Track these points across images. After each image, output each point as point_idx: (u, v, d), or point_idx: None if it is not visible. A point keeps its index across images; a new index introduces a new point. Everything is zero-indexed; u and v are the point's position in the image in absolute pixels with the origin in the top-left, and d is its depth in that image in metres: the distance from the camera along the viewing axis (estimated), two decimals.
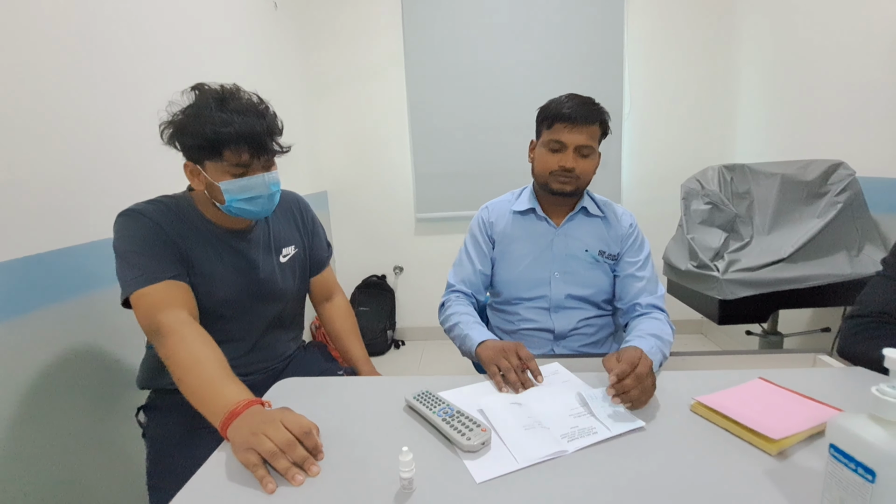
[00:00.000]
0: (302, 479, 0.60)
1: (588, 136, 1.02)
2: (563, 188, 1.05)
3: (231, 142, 0.80)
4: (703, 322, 2.67)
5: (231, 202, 0.86)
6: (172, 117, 0.84)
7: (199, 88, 0.85)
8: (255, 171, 0.86)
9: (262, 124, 0.83)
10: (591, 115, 1.01)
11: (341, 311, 1.22)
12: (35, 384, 0.96)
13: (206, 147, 0.81)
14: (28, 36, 0.98)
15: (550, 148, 1.04)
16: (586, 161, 1.04)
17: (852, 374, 0.83)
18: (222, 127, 0.79)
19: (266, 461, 0.61)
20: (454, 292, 1.15)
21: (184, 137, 0.83)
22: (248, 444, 0.62)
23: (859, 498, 0.43)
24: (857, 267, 1.39)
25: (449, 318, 1.08)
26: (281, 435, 0.62)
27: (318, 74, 2.60)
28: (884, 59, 1.50)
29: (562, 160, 1.03)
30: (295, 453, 0.62)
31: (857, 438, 0.44)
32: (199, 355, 0.76)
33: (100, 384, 1.12)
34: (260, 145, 0.84)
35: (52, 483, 0.98)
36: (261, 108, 0.86)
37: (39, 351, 0.98)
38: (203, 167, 0.85)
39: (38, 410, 0.96)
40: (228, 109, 0.81)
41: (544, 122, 1.07)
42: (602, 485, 0.58)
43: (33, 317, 0.97)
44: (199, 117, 0.80)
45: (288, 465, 0.61)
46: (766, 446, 0.62)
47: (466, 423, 0.68)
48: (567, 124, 1.01)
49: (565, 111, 1.01)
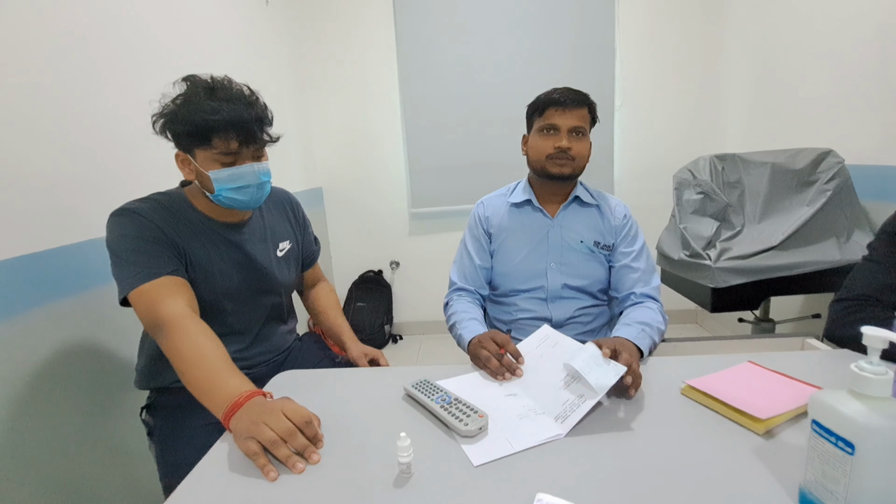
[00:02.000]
0: (302, 468, 0.61)
1: (579, 118, 1.06)
2: (562, 170, 1.07)
3: (219, 129, 0.81)
4: (696, 311, 2.70)
5: (220, 191, 0.87)
6: (163, 108, 0.85)
7: (191, 80, 0.86)
8: (244, 160, 0.87)
9: (250, 112, 0.84)
10: (579, 99, 1.06)
11: (324, 291, 1.26)
12: (34, 383, 0.96)
13: (195, 134, 0.82)
14: (22, 34, 0.98)
15: (545, 132, 1.08)
16: (581, 142, 1.07)
17: (838, 355, 0.85)
18: (211, 115, 0.80)
19: (267, 450, 0.62)
20: (456, 291, 1.17)
21: (174, 126, 0.83)
22: (249, 434, 0.63)
23: (840, 470, 0.45)
24: (846, 253, 1.41)
25: (450, 318, 1.11)
26: (282, 424, 0.63)
27: (310, 70, 2.60)
28: (871, 48, 1.51)
29: (557, 141, 1.06)
30: (295, 442, 0.63)
31: (836, 413, 0.45)
32: (202, 349, 0.76)
33: (99, 382, 1.12)
34: (248, 133, 0.85)
35: (52, 482, 0.98)
36: (251, 97, 0.87)
37: (38, 349, 0.98)
38: (193, 156, 0.85)
39: (38, 409, 0.97)
40: (217, 98, 0.82)
41: (535, 111, 1.10)
42: (596, 466, 0.60)
43: (31, 315, 0.97)
44: (189, 105, 0.81)
45: (288, 453, 0.62)
46: (754, 426, 0.64)
47: (464, 410, 0.69)
48: (559, 108, 1.05)
49: (555, 96, 1.06)
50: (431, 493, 0.57)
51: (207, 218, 0.94)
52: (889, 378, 0.44)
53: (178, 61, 1.49)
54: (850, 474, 0.44)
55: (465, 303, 1.12)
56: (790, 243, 1.44)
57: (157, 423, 0.96)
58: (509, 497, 0.55)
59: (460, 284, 1.18)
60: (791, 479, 0.54)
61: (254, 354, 1.01)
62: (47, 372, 0.99)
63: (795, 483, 0.52)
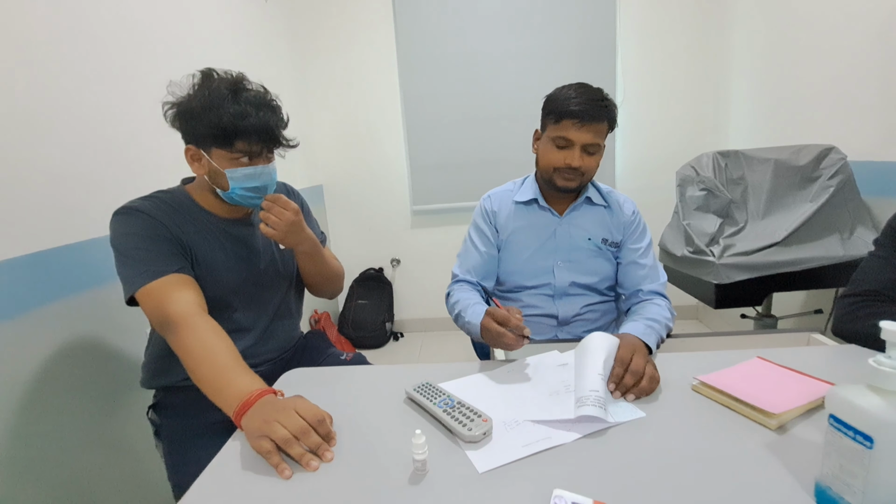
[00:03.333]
0: (317, 465, 0.61)
1: (595, 133, 1.00)
2: (568, 185, 1.04)
3: (246, 134, 0.82)
4: (698, 307, 2.71)
5: (235, 189, 0.87)
6: (178, 100, 0.84)
7: (209, 74, 0.86)
8: (259, 161, 0.88)
9: (275, 119, 0.86)
10: (599, 113, 0.98)
11: None
12: (39, 382, 0.96)
13: (219, 136, 0.82)
14: (22, 32, 0.97)
15: (557, 144, 1.02)
16: (592, 158, 1.03)
17: (846, 351, 0.86)
18: (239, 119, 0.81)
19: (280, 448, 0.62)
20: (457, 282, 1.14)
21: (195, 123, 0.83)
22: (262, 432, 0.63)
23: (858, 464, 0.45)
24: (849, 249, 1.42)
25: (453, 307, 1.07)
26: (295, 422, 0.63)
27: (311, 67, 2.58)
28: (874, 45, 1.52)
29: (568, 158, 1.01)
30: (309, 440, 0.63)
31: (855, 408, 0.46)
32: (212, 346, 0.76)
33: (104, 381, 1.12)
34: (272, 139, 0.87)
35: (57, 481, 0.98)
36: (272, 102, 0.88)
37: (43, 349, 0.98)
38: (209, 153, 0.85)
39: (43, 409, 0.96)
40: (242, 101, 0.82)
41: (551, 115, 1.03)
42: (606, 469, 0.59)
43: (36, 314, 0.96)
44: (215, 107, 0.81)
45: (302, 451, 0.62)
46: (766, 421, 0.64)
47: (467, 414, 0.68)
48: (576, 122, 0.98)
49: (574, 108, 0.97)
50: (441, 499, 0.56)
51: (210, 214, 0.94)
52: None
53: (179, 58, 1.48)
54: (868, 468, 0.44)
55: (466, 291, 1.08)
56: (793, 239, 1.45)
57: (163, 421, 0.95)
58: (527, 496, 0.54)
59: (462, 276, 1.14)
60: (805, 473, 0.54)
61: (261, 352, 1.00)
62: (52, 371, 0.99)
63: (810, 477, 0.52)
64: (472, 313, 0.96)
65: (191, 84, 0.85)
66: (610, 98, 1.02)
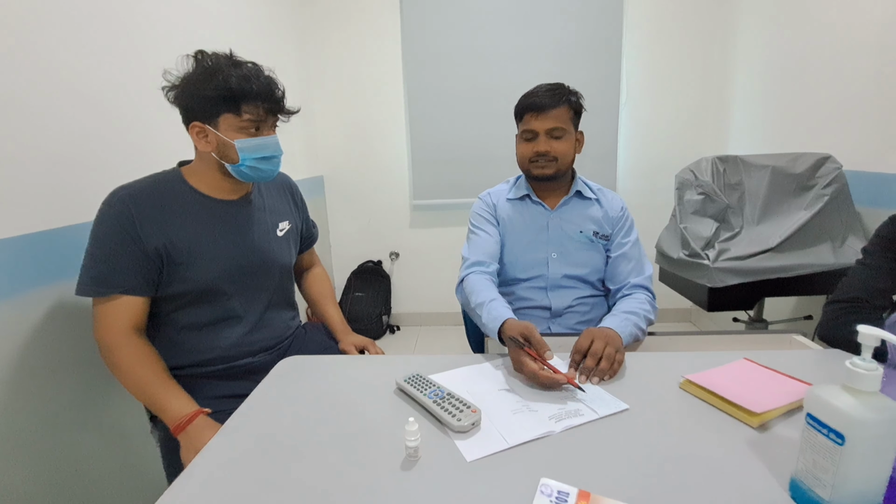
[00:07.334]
0: None
1: (555, 119, 1.07)
2: (543, 172, 1.10)
3: (252, 96, 0.85)
4: (691, 309, 2.74)
5: (244, 160, 0.89)
6: (177, 80, 0.87)
7: (202, 52, 0.89)
8: (265, 131, 0.90)
9: (275, 84, 0.90)
10: (555, 100, 1.06)
11: (319, 278, 1.28)
12: (34, 364, 0.96)
13: (228, 98, 0.84)
14: (26, 13, 0.97)
15: (524, 138, 1.11)
16: (560, 142, 1.09)
17: (830, 355, 0.88)
18: (245, 82, 0.84)
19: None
20: (471, 266, 1.09)
21: (202, 91, 0.84)
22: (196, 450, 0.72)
23: (829, 459, 0.47)
24: (840, 257, 1.44)
25: (470, 297, 1.01)
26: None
27: (314, 59, 2.58)
28: (872, 59, 1.53)
29: (535, 146, 1.09)
30: None
31: (830, 407, 0.48)
32: (137, 373, 0.87)
33: (100, 365, 1.12)
34: (277, 103, 0.90)
35: (50, 464, 0.98)
36: (270, 72, 0.91)
37: (39, 330, 0.97)
38: (216, 124, 0.87)
39: (37, 390, 0.96)
40: (244, 69, 0.86)
41: (516, 116, 1.14)
42: (592, 460, 0.61)
43: (33, 295, 0.96)
44: (220, 71, 0.84)
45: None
46: (749, 419, 0.66)
47: (457, 405, 0.69)
48: (534, 113, 1.08)
49: (531, 101, 1.08)
50: (430, 485, 0.58)
51: (205, 197, 0.94)
52: (878, 373, 0.46)
53: (182, 44, 1.47)
54: (838, 463, 0.47)
55: (484, 281, 1.04)
56: (787, 246, 1.47)
57: (159, 422, 0.95)
58: (511, 486, 0.56)
59: (475, 259, 1.10)
60: (782, 468, 0.57)
61: (256, 340, 1.01)
62: (48, 353, 0.99)
63: (787, 473, 0.55)
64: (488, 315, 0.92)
65: (187, 63, 0.88)
66: (566, 86, 1.10)
